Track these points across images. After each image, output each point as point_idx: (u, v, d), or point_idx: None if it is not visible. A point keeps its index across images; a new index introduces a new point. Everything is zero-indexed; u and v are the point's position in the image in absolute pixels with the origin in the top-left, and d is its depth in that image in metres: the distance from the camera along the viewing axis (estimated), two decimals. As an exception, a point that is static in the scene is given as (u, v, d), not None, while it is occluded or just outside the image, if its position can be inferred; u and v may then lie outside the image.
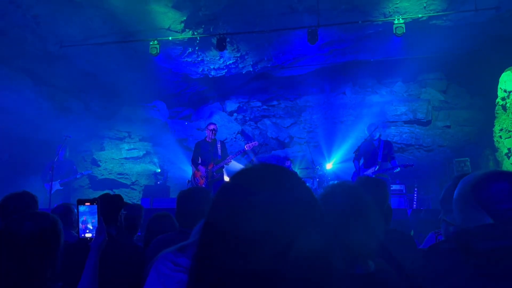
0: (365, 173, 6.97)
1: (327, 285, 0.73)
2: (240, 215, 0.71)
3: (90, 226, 2.15)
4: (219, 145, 7.21)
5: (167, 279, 1.67)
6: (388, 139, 9.45)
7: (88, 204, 2.16)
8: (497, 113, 8.45)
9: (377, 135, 7.17)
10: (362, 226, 1.37)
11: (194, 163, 7.19)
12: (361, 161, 7.32)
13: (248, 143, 7.19)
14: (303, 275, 0.70)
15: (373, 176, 6.87)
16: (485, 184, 1.03)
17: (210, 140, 7.20)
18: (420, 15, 8.02)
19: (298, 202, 0.73)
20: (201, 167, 7.06)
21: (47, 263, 1.62)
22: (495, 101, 8.47)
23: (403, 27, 7.65)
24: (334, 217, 1.33)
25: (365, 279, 1.33)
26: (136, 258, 2.35)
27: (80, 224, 2.16)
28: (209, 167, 7.02)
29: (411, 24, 8.10)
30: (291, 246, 0.70)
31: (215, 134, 7.22)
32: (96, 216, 2.14)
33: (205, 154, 7.11)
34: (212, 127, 7.24)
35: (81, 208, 2.16)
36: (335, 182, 1.57)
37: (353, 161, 7.25)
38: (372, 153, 7.10)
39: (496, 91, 8.40)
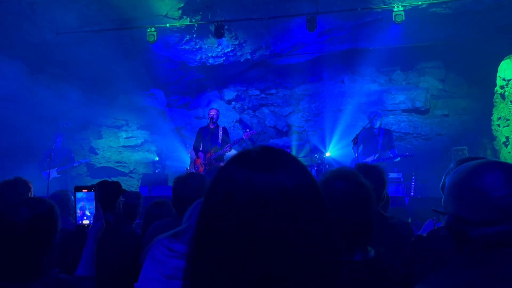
0: (364, 161, 6.97)
1: (327, 271, 0.72)
2: (238, 197, 0.70)
3: (87, 213, 2.14)
4: (220, 132, 7.12)
5: (162, 265, 1.68)
6: (387, 128, 9.45)
7: (85, 190, 2.15)
8: (496, 102, 8.43)
9: (378, 123, 7.16)
10: (362, 212, 1.37)
11: (195, 149, 7.15)
12: (360, 148, 7.31)
13: (246, 131, 7.15)
14: (303, 260, 0.69)
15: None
16: (480, 173, 1.04)
17: (212, 127, 7.13)
18: (419, 3, 7.95)
19: (298, 185, 0.72)
20: (200, 154, 7.03)
21: (44, 249, 1.62)
22: (494, 90, 8.45)
23: (402, 15, 7.60)
24: (334, 203, 1.32)
25: (365, 265, 1.33)
26: (133, 245, 2.35)
27: (78, 211, 2.15)
28: (208, 155, 6.99)
29: (411, 12, 8.04)
30: (290, 230, 0.69)
31: (214, 120, 7.14)
32: (94, 203, 2.13)
33: (205, 141, 7.06)
34: (211, 112, 7.16)
35: (78, 195, 2.14)
36: (334, 168, 1.56)
37: (352, 148, 7.24)
38: (372, 141, 7.09)
39: (495, 80, 8.37)
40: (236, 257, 0.68)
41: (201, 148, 7.10)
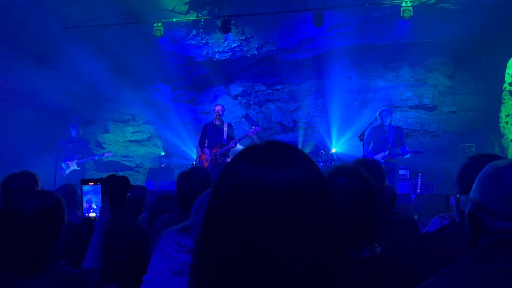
0: (374, 157, 6.96)
1: (335, 266, 0.72)
2: (245, 192, 0.69)
3: (94, 206, 2.15)
4: (225, 128, 7.09)
5: (170, 260, 1.67)
6: (397, 125, 9.41)
7: (92, 184, 2.16)
8: (504, 99, 8.36)
9: (388, 121, 7.14)
10: (367, 208, 1.36)
11: (201, 145, 7.15)
12: (370, 146, 7.29)
13: (252, 128, 7.11)
14: (310, 255, 0.68)
15: (382, 161, 6.88)
16: None
17: (217, 123, 7.12)
18: (428, -2, 7.89)
19: (305, 179, 0.71)
20: (206, 150, 7.03)
21: (50, 241, 1.63)
22: (502, 87, 8.38)
23: (410, 10, 7.53)
24: (338, 199, 1.31)
25: (371, 262, 1.32)
26: (139, 239, 2.36)
27: (84, 204, 2.16)
28: (213, 151, 6.98)
29: (419, 7, 7.97)
30: (298, 225, 0.68)
31: (220, 116, 7.12)
32: (100, 196, 2.14)
33: (211, 137, 7.06)
34: (217, 108, 7.14)
35: (85, 188, 2.16)
36: (338, 164, 1.55)
37: (362, 146, 7.21)
38: (383, 138, 7.08)
39: (503, 77, 8.30)
40: (243, 253, 0.68)
41: (206, 144, 7.10)
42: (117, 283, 2.08)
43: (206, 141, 7.11)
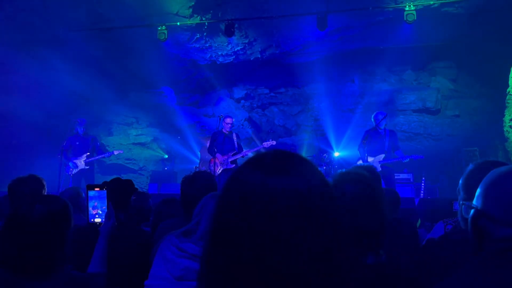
0: (373, 160, 6.94)
1: (340, 273, 0.72)
2: (253, 200, 0.70)
3: (99, 211, 2.17)
4: (234, 137, 7.47)
5: (172, 265, 1.68)
6: (397, 128, 9.42)
7: (98, 189, 2.17)
8: (508, 103, 8.33)
9: (383, 124, 7.10)
10: (373, 215, 1.36)
11: (211, 152, 7.42)
12: (366, 149, 7.27)
13: (267, 141, 7.45)
14: (317, 262, 0.69)
15: (379, 164, 6.87)
16: None
17: (226, 132, 7.42)
18: (431, 2, 7.89)
19: (312, 188, 0.72)
20: (218, 155, 7.32)
21: (57, 245, 1.64)
22: (506, 91, 8.35)
23: (414, 14, 7.55)
24: (345, 207, 1.31)
25: (377, 269, 1.32)
26: (143, 243, 2.36)
27: (90, 209, 2.17)
28: (225, 157, 7.30)
29: (422, 11, 7.98)
30: (304, 232, 0.69)
31: (231, 128, 7.49)
32: (106, 201, 2.15)
33: (220, 145, 7.34)
34: (230, 120, 7.45)
35: (91, 193, 2.17)
36: (343, 170, 1.55)
37: (358, 149, 7.20)
38: (379, 142, 7.05)
39: (507, 80, 8.27)
40: (252, 260, 0.68)
41: (216, 150, 7.39)
42: (122, 287, 2.09)
43: (215, 149, 7.38)
